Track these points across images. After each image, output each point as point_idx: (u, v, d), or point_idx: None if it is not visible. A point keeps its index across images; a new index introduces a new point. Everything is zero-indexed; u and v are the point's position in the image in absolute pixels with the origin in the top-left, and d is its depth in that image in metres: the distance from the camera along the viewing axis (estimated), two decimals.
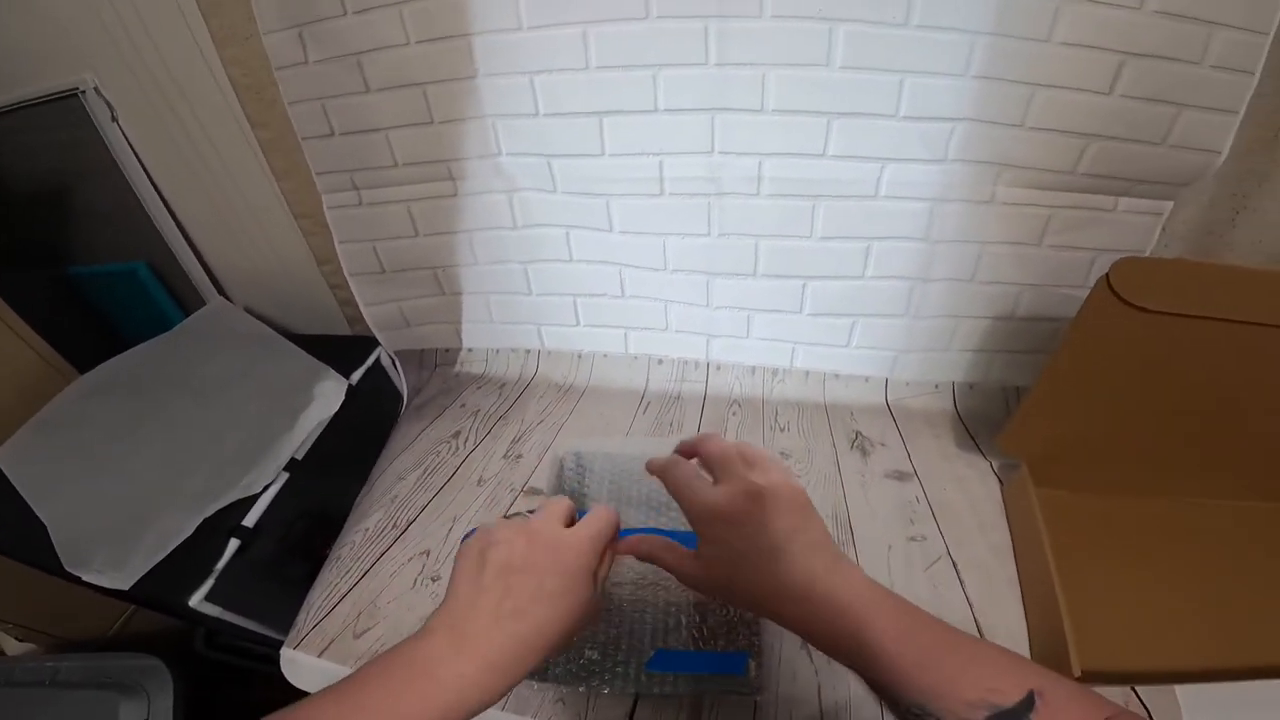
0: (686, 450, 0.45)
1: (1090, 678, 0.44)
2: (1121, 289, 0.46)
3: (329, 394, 0.82)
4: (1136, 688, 0.47)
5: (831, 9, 0.54)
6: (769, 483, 0.39)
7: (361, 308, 0.80)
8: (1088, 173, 0.59)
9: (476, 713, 0.34)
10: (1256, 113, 0.55)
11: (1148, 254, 0.64)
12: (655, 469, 0.44)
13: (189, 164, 0.82)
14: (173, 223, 0.89)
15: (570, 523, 0.41)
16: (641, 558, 0.43)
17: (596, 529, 0.40)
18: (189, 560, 0.66)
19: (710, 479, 0.41)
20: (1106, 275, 0.46)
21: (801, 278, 0.71)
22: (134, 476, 0.73)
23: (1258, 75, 0.53)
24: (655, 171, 0.66)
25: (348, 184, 0.72)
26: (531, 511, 0.42)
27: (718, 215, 0.68)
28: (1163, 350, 0.49)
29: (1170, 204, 0.62)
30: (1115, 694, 0.47)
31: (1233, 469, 0.59)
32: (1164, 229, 0.63)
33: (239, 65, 0.69)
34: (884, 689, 0.35)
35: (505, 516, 0.43)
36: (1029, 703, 0.32)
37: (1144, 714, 0.45)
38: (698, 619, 0.53)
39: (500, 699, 0.34)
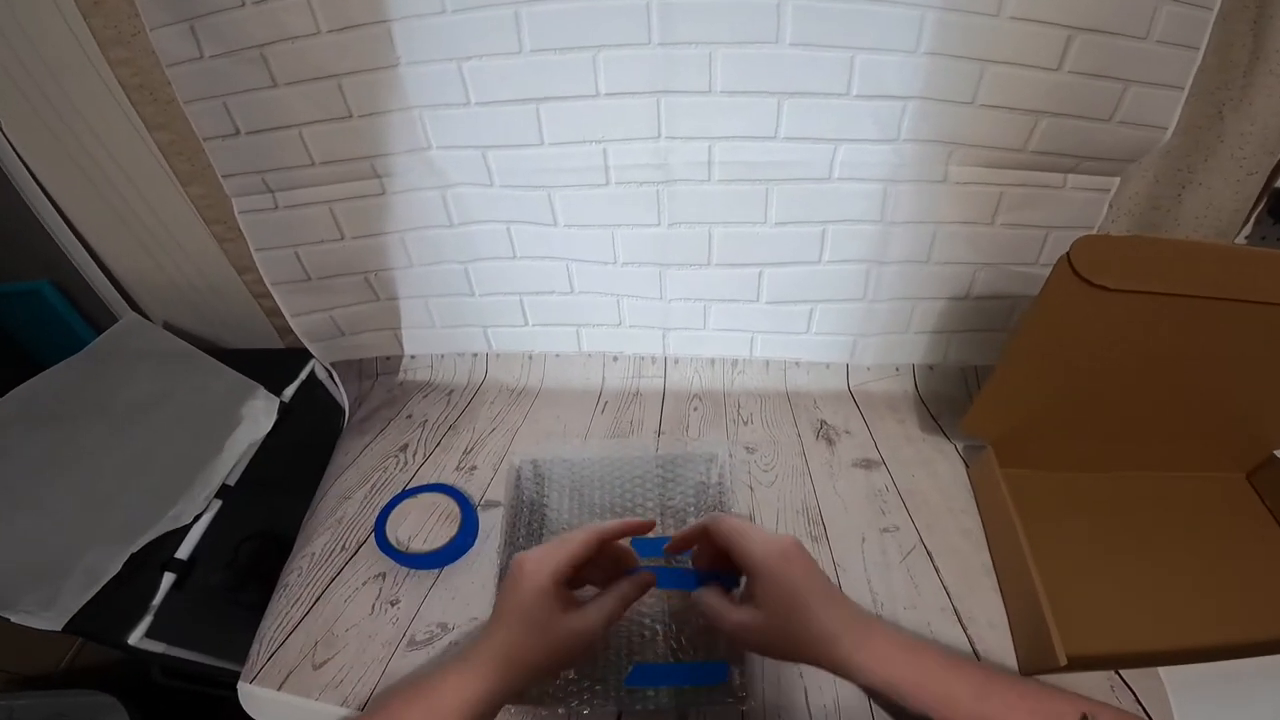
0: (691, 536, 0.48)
1: (1075, 664, 0.44)
2: (1082, 268, 0.45)
3: (259, 413, 0.78)
4: (1121, 671, 0.47)
5: None
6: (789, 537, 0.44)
7: (289, 318, 0.74)
8: (1038, 150, 0.59)
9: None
10: (1201, 88, 0.55)
11: (1095, 229, 0.65)
12: (700, 527, 0.47)
13: (85, 172, 0.75)
14: (73, 236, 0.82)
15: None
16: (691, 602, 0.47)
17: (554, 553, 0.44)
18: (123, 597, 0.64)
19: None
20: (1067, 255, 0.45)
21: (757, 265, 0.69)
22: (54, 511, 0.70)
23: (1202, 50, 0.53)
24: (599, 160, 0.63)
25: (260, 186, 0.66)
26: None
27: (668, 204, 0.65)
28: (1124, 327, 0.48)
29: (1117, 180, 0.62)
30: (1099, 678, 0.47)
31: (1196, 441, 0.60)
32: (1111, 204, 0.64)
33: (127, 65, 0.64)
34: None
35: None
36: None
37: (1131, 698, 0.46)
38: (674, 629, 0.52)
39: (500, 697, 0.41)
